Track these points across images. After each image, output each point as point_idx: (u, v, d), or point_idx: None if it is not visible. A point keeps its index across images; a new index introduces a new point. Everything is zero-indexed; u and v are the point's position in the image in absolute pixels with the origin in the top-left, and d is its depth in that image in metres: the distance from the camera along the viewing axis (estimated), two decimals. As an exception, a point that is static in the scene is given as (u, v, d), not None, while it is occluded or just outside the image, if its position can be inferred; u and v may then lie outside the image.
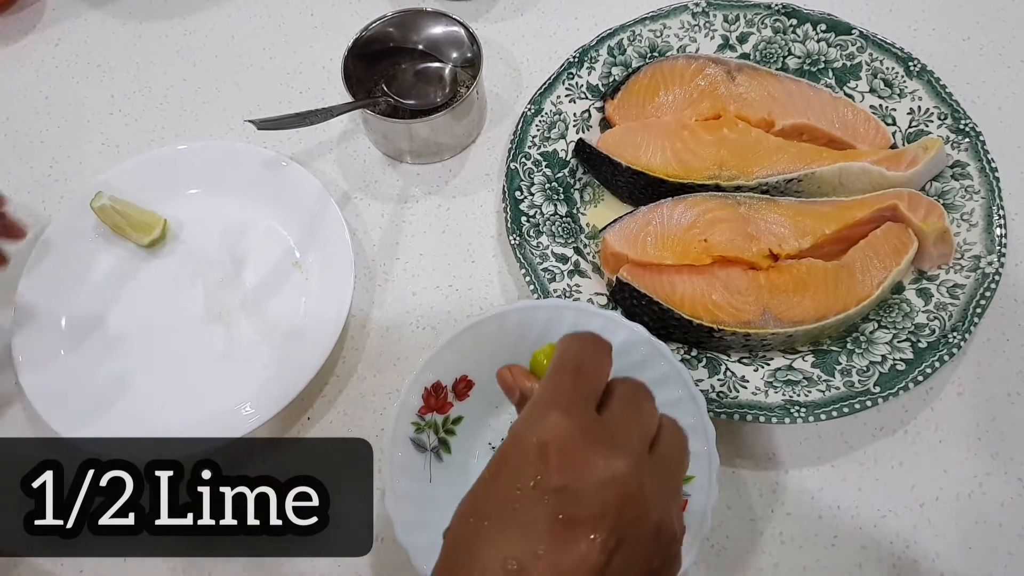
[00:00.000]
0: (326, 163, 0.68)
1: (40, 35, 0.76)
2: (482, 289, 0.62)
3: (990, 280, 0.55)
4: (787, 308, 0.55)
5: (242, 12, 0.77)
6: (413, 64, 0.68)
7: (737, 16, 0.67)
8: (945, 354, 0.53)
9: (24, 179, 0.68)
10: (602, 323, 0.49)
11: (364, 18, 0.65)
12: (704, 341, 0.55)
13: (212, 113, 0.71)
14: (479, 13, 0.75)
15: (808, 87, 0.63)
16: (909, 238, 0.56)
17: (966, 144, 0.60)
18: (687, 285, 0.56)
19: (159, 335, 0.60)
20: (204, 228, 0.64)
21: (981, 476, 0.53)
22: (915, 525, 0.52)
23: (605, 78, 0.67)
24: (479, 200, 0.66)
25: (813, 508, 0.53)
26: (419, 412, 0.50)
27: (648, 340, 0.49)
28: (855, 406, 0.51)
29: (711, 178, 0.60)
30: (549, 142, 0.64)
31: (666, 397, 0.48)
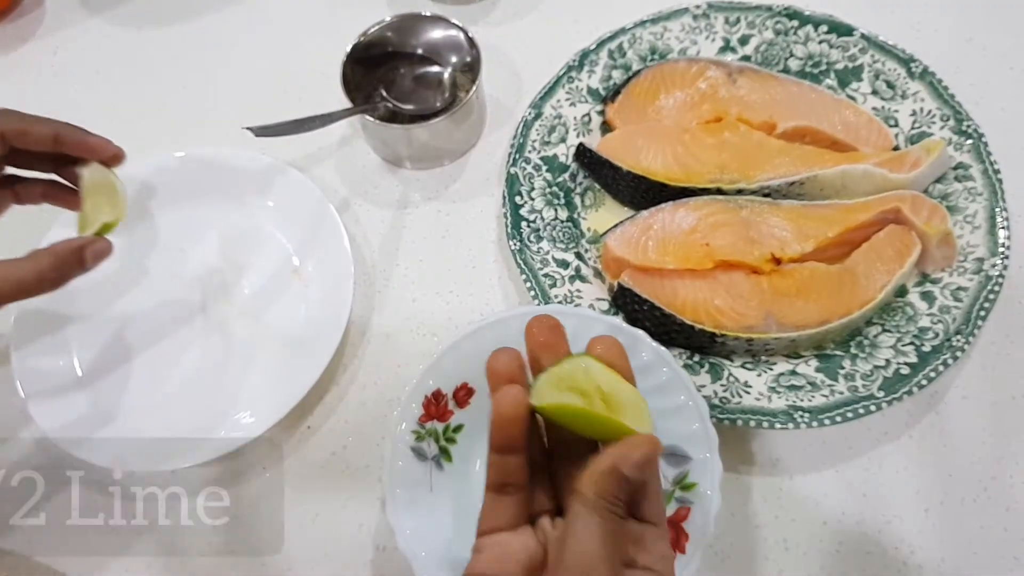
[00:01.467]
0: (325, 169, 0.68)
1: (39, 43, 0.76)
2: (483, 295, 0.61)
3: (993, 283, 0.55)
4: (790, 312, 0.54)
5: (240, 19, 0.77)
6: (412, 69, 0.68)
7: (738, 18, 0.67)
8: (949, 358, 0.52)
9: (23, 187, 0.68)
10: (604, 329, 0.49)
11: (362, 23, 0.65)
12: (706, 346, 0.55)
13: (210, 120, 0.71)
14: (478, 17, 0.75)
15: (810, 89, 0.63)
16: (912, 241, 0.56)
17: (969, 146, 0.60)
18: (689, 290, 0.56)
19: (158, 343, 0.59)
20: (203, 235, 0.64)
21: (986, 480, 0.53)
22: (920, 530, 0.52)
23: (605, 81, 0.66)
24: (479, 205, 0.65)
25: (817, 514, 0.52)
26: (420, 420, 0.50)
27: (650, 346, 0.49)
28: (859, 411, 0.51)
29: (713, 182, 0.60)
30: (549, 146, 0.63)
31: (668, 403, 0.48)
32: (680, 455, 0.48)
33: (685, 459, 0.48)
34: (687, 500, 0.47)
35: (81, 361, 0.58)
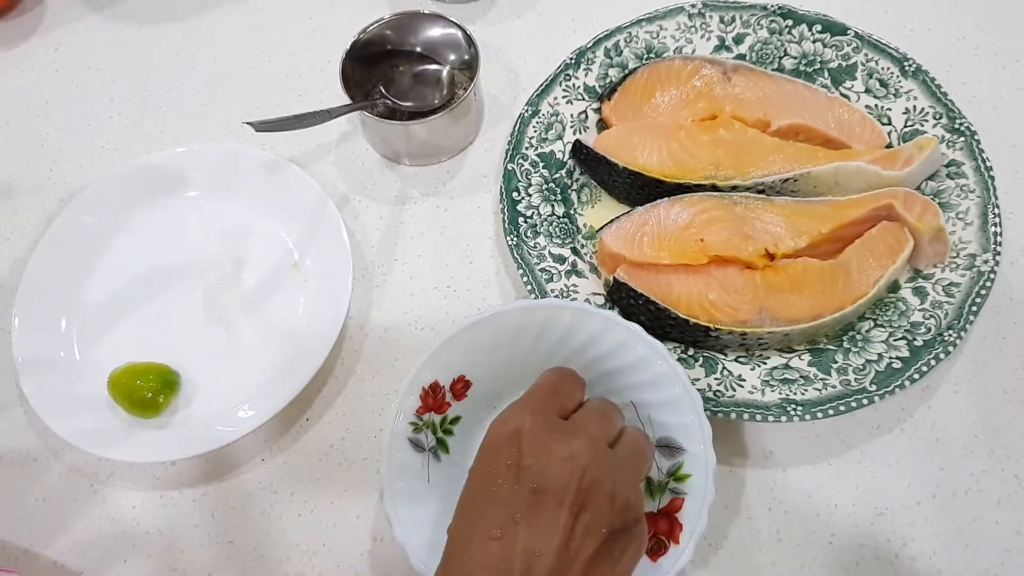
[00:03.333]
0: (324, 165, 0.68)
1: (40, 39, 0.77)
2: (480, 290, 0.62)
3: (985, 278, 0.55)
4: (783, 307, 0.55)
5: (240, 15, 0.77)
6: (411, 66, 0.68)
7: (733, 17, 0.68)
8: (941, 352, 0.53)
9: (24, 182, 0.69)
10: (600, 323, 0.50)
11: (362, 21, 0.65)
12: (701, 340, 0.56)
13: (211, 116, 0.72)
14: (476, 15, 0.75)
15: (804, 87, 0.64)
16: (905, 237, 0.57)
17: (961, 143, 0.60)
18: (684, 285, 0.56)
19: (158, 337, 0.60)
20: (203, 230, 0.64)
21: (978, 473, 0.53)
22: (912, 523, 0.52)
23: (602, 79, 0.67)
24: (477, 201, 0.66)
25: (811, 506, 0.53)
26: (417, 412, 0.51)
27: (645, 340, 0.49)
28: (852, 404, 0.51)
29: (707, 178, 0.60)
30: (546, 143, 0.64)
31: (663, 396, 0.49)
32: (674, 447, 0.49)
33: (679, 451, 0.48)
34: (681, 491, 0.48)
35: (81, 353, 0.59)
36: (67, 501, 0.55)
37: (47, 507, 0.55)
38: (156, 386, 0.55)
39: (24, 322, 0.58)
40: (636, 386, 0.50)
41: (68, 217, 0.62)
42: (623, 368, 0.50)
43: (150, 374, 0.56)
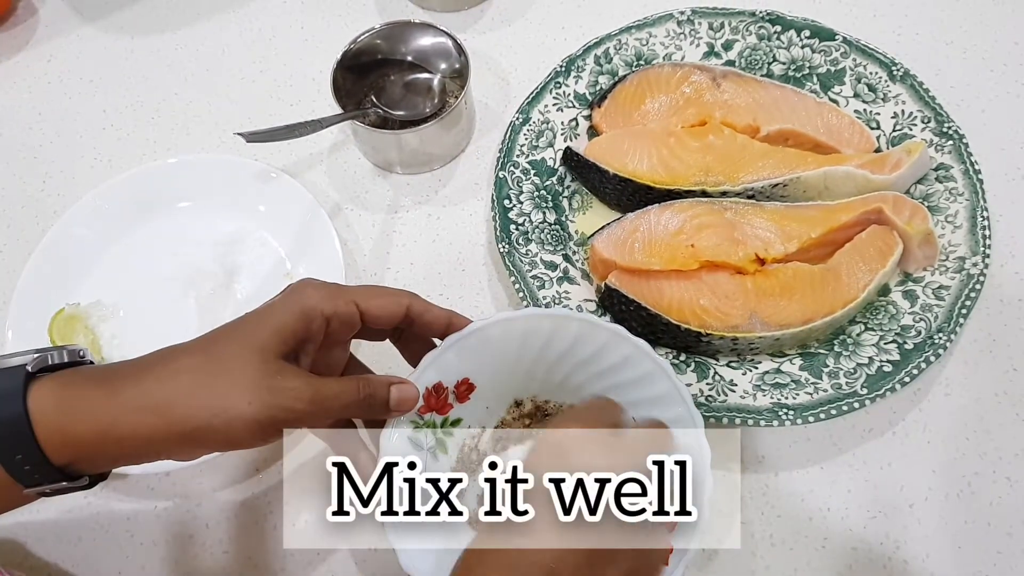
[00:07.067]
0: (316, 174, 0.68)
1: (33, 51, 0.77)
2: (472, 297, 0.62)
3: (975, 281, 0.55)
4: (774, 312, 0.55)
5: (232, 26, 0.78)
6: (402, 76, 0.69)
7: (722, 24, 0.68)
8: (931, 355, 0.53)
9: (17, 194, 0.69)
10: (607, 336, 0.49)
11: (353, 31, 0.66)
12: (692, 345, 0.56)
13: (203, 126, 0.72)
14: (467, 24, 0.75)
15: (793, 93, 0.64)
16: (894, 240, 0.57)
17: (950, 147, 0.61)
18: (675, 290, 0.56)
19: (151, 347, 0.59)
20: (195, 241, 0.64)
21: (970, 476, 0.54)
22: (905, 526, 0.52)
23: (592, 86, 0.67)
24: (469, 209, 0.66)
25: (803, 510, 0.53)
26: (419, 411, 0.50)
27: (650, 356, 0.48)
28: (843, 408, 0.52)
29: (697, 184, 0.60)
30: (537, 150, 0.64)
31: (665, 414, 0.48)
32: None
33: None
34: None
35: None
36: (61, 513, 0.55)
37: (41, 519, 0.55)
38: None
39: (17, 335, 0.58)
40: (639, 403, 0.49)
41: (61, 229, 0.63)
42: (626, 384, 0.50)
43: None
